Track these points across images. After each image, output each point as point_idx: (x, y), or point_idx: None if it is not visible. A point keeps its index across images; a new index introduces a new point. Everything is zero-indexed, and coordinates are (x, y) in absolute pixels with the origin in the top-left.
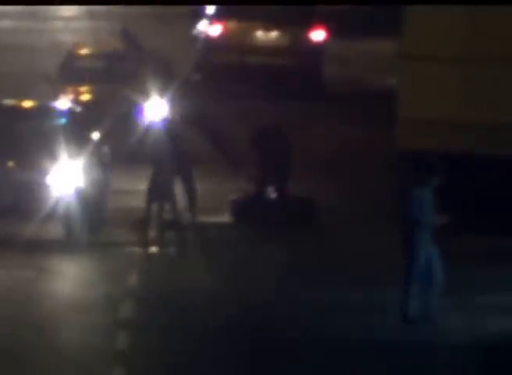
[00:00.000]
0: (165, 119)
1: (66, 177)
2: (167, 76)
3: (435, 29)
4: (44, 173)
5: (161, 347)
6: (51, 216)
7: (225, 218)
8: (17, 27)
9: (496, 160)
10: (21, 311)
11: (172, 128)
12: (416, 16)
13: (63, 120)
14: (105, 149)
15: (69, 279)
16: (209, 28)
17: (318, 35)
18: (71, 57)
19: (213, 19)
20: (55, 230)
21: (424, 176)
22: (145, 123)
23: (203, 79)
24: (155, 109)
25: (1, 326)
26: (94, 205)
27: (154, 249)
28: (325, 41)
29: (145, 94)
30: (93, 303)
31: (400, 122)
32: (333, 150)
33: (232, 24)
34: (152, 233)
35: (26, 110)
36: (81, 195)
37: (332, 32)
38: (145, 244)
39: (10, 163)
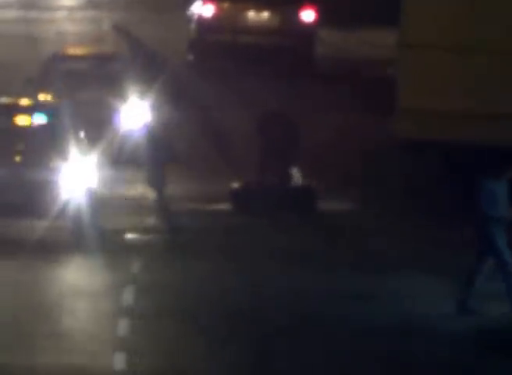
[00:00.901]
0: (146, 124)
1: (76, 176)
2: (156, 73)
3: (434, 18)
4: (53, 171)
5: (162, 333)
6: (60, 214)
7: (226, 206)
8: (19, 17)
9: (497, 149)
10: (28, 298)
11: (153, 131)
12: (415, 6)
13: (59, 118)
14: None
15: (71, 266)
16: (202, 9)
17: (308, 15)
18: (55, 58)
19: None
20: (64, 228)
21: (499, 169)
22: (125, 127)
23: (195, 58)
24: (136, 113)
25: (7, 312)
26: (100, 202)
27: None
28: (316, 22)
29: (127, 98)
30: (95, 290)
31: (399, 111)
32: (333, 136)
33: (225, 5)
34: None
35: (24, 107)
36: (91, 194)
37: (329, 20)
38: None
39: (17, 159)
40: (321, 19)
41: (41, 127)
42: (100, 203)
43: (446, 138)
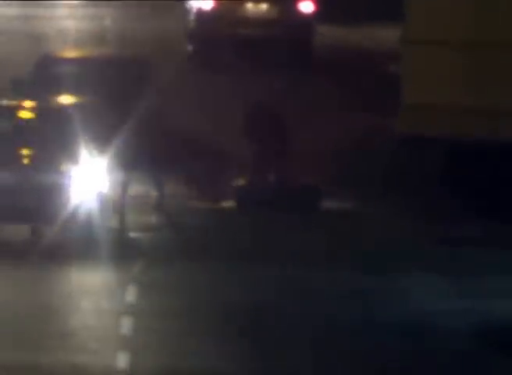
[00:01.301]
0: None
1: (87, 179)
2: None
3: (438, 14)
4: (63, 174)
5: (165, 331)
6: (71, 218)
7: (229, 204)
8: (22, 15)
9: (499, 145)
10: (32, 297)
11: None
12: (419, 1)
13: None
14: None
15: (79, 269)
16: (201, 2)
17: (306, 7)
18: (46, 61)
19: None
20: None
21: None
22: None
23: (195, 50)
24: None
25: (11, 312)
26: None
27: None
28: (314, 13)
29: (117, 103)
30: (99, 289)
31: (403, 108)
32: (337, 135)
33: None
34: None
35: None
36: (102, 198)
37: (334, 17)
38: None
39: (26, 162)
40: (321, 15)
41: (51, 129)
42: (109, 206)
43: (451, 134)
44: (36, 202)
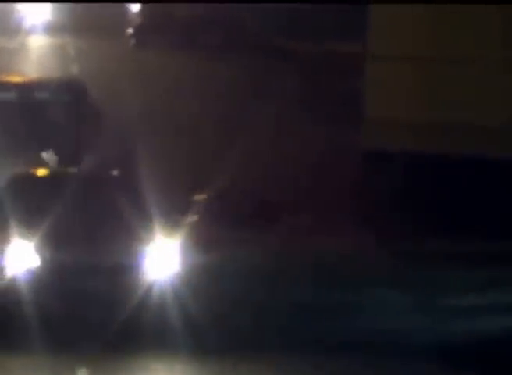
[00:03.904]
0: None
1: (160, 259)
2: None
3: (400, 29)
4: (133, 254)
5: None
6: (142, 304)
7: (192, 218)
8: None
9: (460, 160)
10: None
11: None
12: (381, 18)
13: None
14: None
15: (144, 357)
16: None
17: None
18: None
19: None
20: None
21: None
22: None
23: (135, 33)
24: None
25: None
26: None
27: None
28: None
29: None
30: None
31: (365, 122)
32: (299, 149)
33: None
34: None
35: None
36: (177, 279)
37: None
38: None
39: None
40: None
41: (114, 195)
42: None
43: (413, 149)
44: (105, 286)
